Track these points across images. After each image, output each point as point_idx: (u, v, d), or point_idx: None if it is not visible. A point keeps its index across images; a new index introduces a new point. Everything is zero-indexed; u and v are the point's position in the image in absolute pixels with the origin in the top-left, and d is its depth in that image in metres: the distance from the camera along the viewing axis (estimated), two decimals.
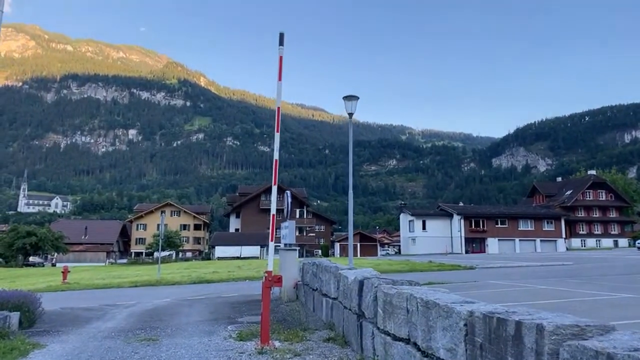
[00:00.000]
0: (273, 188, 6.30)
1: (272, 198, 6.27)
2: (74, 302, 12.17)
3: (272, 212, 6.26)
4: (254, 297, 11.33)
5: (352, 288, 5.63)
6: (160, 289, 14.43)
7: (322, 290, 7.52)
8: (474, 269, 18.02)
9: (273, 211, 6.26)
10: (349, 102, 9.64)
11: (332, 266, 6.96)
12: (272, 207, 6.29)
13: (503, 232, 51.33)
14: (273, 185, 6.29)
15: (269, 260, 6.33)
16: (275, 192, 6.27)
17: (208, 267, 25.24)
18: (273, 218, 6.24)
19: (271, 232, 6.29)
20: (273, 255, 6.41)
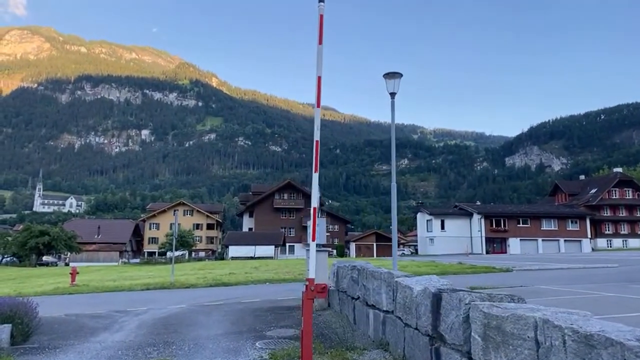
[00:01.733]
0: (314, 176, 5.08)
1: (314, 184, 5.05)
2: (80, 307, 11.13)
3: (314, 205, 5.04)
4: (278, 303, 10.14)
5: (421, 302, 4.39)
6: (174, 293, 13.34)
7: (367, 300, 6.29)
8: (511, 272, 16.61)
9: (315, 204, 5.05)
10: (390, 81, 8.38)
11: (384, 272, 5.73)
12: (313, 198, 5.08)
13: (525, 232, 49.49)
14: (314, 173, 5.07)
15: (309, 265, 5.13)
16: (316, 181, 5.05)
17: (223, 268, 24.17)
18: (314, 212, 5.03)
19: (312, 229, 5.08)
20: (314, 257, 5.18)
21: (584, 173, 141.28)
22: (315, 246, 9.98)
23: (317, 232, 9.26)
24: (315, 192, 5.05)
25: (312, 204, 5.08)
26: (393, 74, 8.31)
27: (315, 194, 5.04)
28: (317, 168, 5.08)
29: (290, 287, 13.71)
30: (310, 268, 5.12)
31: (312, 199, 5.10)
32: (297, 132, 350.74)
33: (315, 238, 10.40)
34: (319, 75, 5.18)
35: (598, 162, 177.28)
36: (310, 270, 5.11)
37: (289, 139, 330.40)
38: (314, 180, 5.04)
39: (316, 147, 5.13)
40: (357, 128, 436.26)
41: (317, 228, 9.34)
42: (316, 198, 5.05)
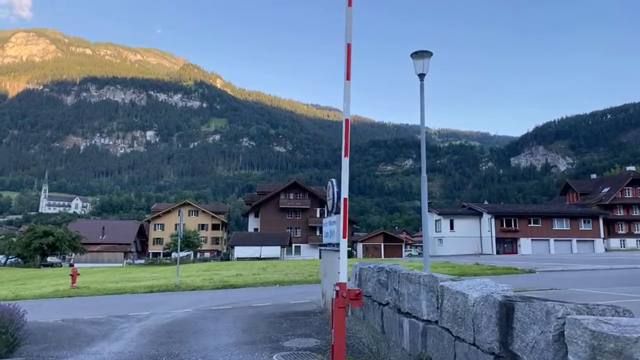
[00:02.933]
0: (344, 161, 4.29)
1: (343, 171, 4.26)
2: (79, 311, 10.40)
3: (344, 195, 4.26)
4: (292, 307, 9.34)
5: (481, 312, 3.58)
6: (179, 296, 12.59)
7: (399, 306, 5.48)
8: (534, 273, 15.72)
9: (345, 194, 4.26)
10: (419, 61, 7.51)
11: (423, 275, 4.91)
12: (342, 187, 4.29)
13: (536, 231, 48.39)
14: (344, 157, 4.28)
15: (340, 267, 4.33)
16: (346, 166, 4.27)
17: (230, 269, 23.42)
18: (345, 205, 4.24)
19: (343, 224, 4.28)
20: (345, 258, 4.39)
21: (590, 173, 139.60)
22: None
23: (334, 230, 8.48)
24: (345, 179, 4.26)
25: (342, 194, 4.29)
26: (422, 53, 7.45)
27: (345, 182, 4.25)
28: (347, 151, 4.29)
29: (302, 290, 12.92)
30: (342, 270, 4.33)
31: (341, 187, 4.31)
32: (302, 132, 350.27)
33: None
34: (349, 43, 4.40)
35: (604, 162, 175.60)
36: (341, 273, 4.32)
37: (293, 139, 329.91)
38: (344, 166, 4.26)
39: (346, 127, 4.35)
40: (362, 129, 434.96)
41: (333, 226, 8.58)
42: (346, 187, 4.26)
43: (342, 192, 4.27)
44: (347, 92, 4.41)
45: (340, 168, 4.27)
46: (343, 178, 4.28)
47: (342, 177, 4.30)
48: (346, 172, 4.23)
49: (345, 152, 4.24)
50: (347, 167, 4.25)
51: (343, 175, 4.28)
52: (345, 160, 4.25)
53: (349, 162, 4.26)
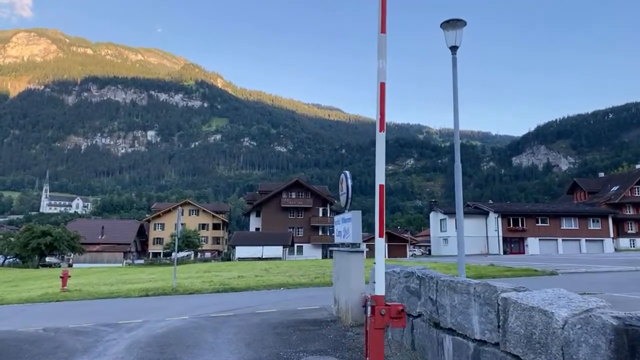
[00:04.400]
0: (378, 137, 3.32)
1: (378, 147, 3.29)
2: (65, 318, 9.44)
3: (380, 182, 3.28)
4: (300, 315, 8.36)
5: (577, 339, 2.60)
6: (175, 301, 11.62)
7: (439, 320, 4.50)
8: (557, 275, 14.74)
9: (381, 180, 3.29)
10: (451, 32, 6.47)
11: (474, 283, 3.93)
12: (378, 170, 3.31)
13: (544, 231, 47.33)
14: (379, 132, 3.31)
15: (376, 276, 3.35)
16: (382, 145, 3.29)
17: (231, 270, 22.44)
18: (381, 190, 3.26)
19: (379, 219, 3.30)
20: (382, 264, 3.40)
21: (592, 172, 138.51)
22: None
23: (350, 229, 7.49)
24: (380, 161, 3.28)
25: (377, 181, 3.31)
26: (454, 22, 6.42)
27: (380, 165, 3.28)
28: (382, 125, 3.32)
29: (309, 294, 11.95)
30: (377, 280, 3.34)
31: (376, 171, 3.33)
32: (303, 132, 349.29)
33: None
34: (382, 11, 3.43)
35: (606, 161, 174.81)
36: (377, 283, 3.33)
37: (294, 139, 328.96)
38: (379, 144, 3.28)
39: (381, 93, 3.38)
40: (363, 128, 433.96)
41: (348, 224, 7.58)
42: (382, 170, 3.29)
43: (377, 177, 3.29)
44: (382, 47, 3.43)
45: (342, 167, 3.31)
46: (378, 160, 3.30)
47: (376, 159, 3.32)
48: (382, 152, 3.26)
49: (380, 125, 3.27)
50: (383, 145, 3.27)
51: (378, 156, 3.30)
52: (380, 136, 3.28)
53: (384, 139, 3.28)
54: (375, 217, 3.18)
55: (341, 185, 8.40)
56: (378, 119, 3.24)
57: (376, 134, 3.23)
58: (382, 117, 3.26)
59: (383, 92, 3.32)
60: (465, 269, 17.70)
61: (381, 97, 3.30)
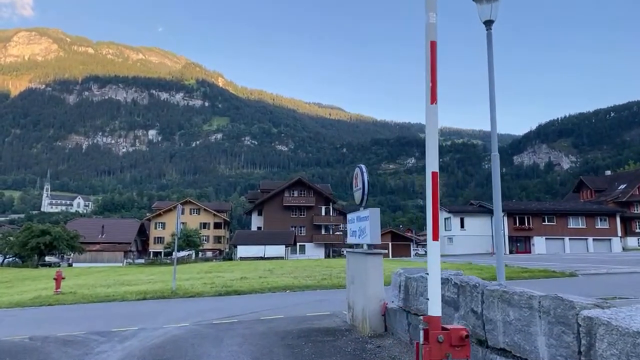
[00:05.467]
0: (428, 109, 2.59)
1: (428, 121, 2.57)
2: (55, 324, 8.74)
3: (432, 169, 2.56)
4: (310, 322, 7.64)
5: None
6: (175, 305, 10.91)
7: (486, 338, 3.77)
8: (577, 276, 14.00)
9: (433, 167, 2.57)
10: (485, 5, 5.78)
11: (537, 295, 3.20)
12: (429, 154, 2.58)
13: (551, 230, 46.55)
14: (430, 105, 2.58)
15: (431, 291, 2.61)
16: (434, 116, 2.56)
17: (233, 271, 21.72)
18: (434, 180, 2.54)
19: (433, 217, 2.57)
20: (438, 276, 2.66)
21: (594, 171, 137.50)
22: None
23: (366, 228, 6.74)
24: (432, 143, 2.56)
25: (429, 167, 2.58)
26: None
27: (432, 148, 2.56)
28: (434, 96, 2.60)
29: (316, 297, 11.23)
30: (433, 296, 2.58)
31: (427, 156, 2.60)
32: (304, 131, 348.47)
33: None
34: None
35: (608, 160, 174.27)
36: (432, 301, 2.58)
37: (295, 138, 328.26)
38: (430, 119, 2.56)
39: (432, 53, 2.65)
40: (364, 127, 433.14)
41: (364, 222, 6.82)
42: (435, 155, 2.56)
43: (428, 163, 2.55)
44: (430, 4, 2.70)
45: (343, 166, 2.61)
46: (429, 140, 2.57)
47: (426, 140, 2.59)
48: (434, 130, 2.53)
49: (432, 95, 2.56)
50: (436, 121, 2.55)
51: (428, 136, 2.57)
52: (432, 109, 2.56)
53: (436, 113, 2.56)
54: (426, 213, 2.46)
55: (355, 180, 7.67)
56: (428, 87, 2.53)
57: (426, 107, 2.51)
58: (433, 85, 2.55)
59: (434, 54, 2.61)
60: (478, 269, 16.99)
61: (432, 59, 2.59)
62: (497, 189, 5.21)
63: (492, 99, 5.19)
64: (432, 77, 2.54)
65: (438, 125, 2.49)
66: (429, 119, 2.48)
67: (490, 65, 5.21)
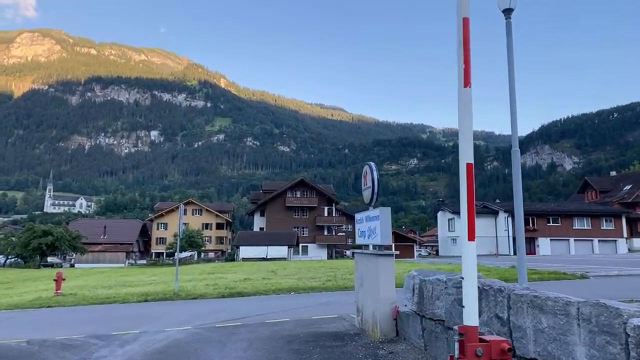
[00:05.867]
0: (463, 93, 2.32)
1: (461, 104, 2.30)
2: (54, 327, 8.50)
3: (467, 160, 2.30)
4: (317, 326, 7.36)
5: None
6: (177, 307, 10.65)
7: (515, 347, 3.48)
8: (589, 279, 13.67)
9: (468, 158, 2.30)
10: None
11: (575, 301, 2.93)
12: (462, 143, 2.31)
13: (556, 231, 46.10)
14: (463, 88, 2.31)
15: (467, 298, 2.33)
16: (468, 100, 2.29)
17: (236, 272, 21.45)
18: (469, 170, 2.27)
19: (469, 215, 2.31)
20: (474, 281, 2.39)
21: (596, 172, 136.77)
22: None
23: (377, 228, 6.45)
24: (466, 132, 2.29)
25: (463, 158, 2.31)
26: None
27: (466, 138, 2.29)
28: (468, 78, 2.35)
29: (322, 299, 10.95)
30: (469, 303, 2.31)
31: (460, 146, 2.33)
32: (306, 132, 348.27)
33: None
34: None
35: (611, 160, 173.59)
36: (468, 309, 2.31)
37: (297, 139, 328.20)
38: (463, 104, 2.30)
39: (464, 31, 2.38)
40: (366, 128, 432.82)
41: (375, 222, 6.53)
42: (469, 145, 2.29)
43: (462, 153, 2.28)
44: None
45: (345, 167, 2.34)
46: (462, 128, 2.29)
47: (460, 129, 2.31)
48: (468, 116, 2.26)
49: (465, 77, 2.30)
50: (470, 107, 2.28)
51: (462, 123, 2.29)
52: (465, 93, 2.30)
53: (470, 97, 2.29)
54: (461, 210, 2.18)
55: (364, 178, 7.40)
56: (461, 68, 2.26)
57: (459, 91, 2.24)
58: (466, 66, 2.29)
59: (467, 31, 2.34)
60: (486, 270, 16.65)
61: (464, 37, 2.32)
62: (518, 187, 4.94)
63: (512, 92, 4.91)
64: (465, 57, 2.27)
65: (472, 111, 2.22)
66: (462, 104, 2.20)
67: (510, 56, 4.95)
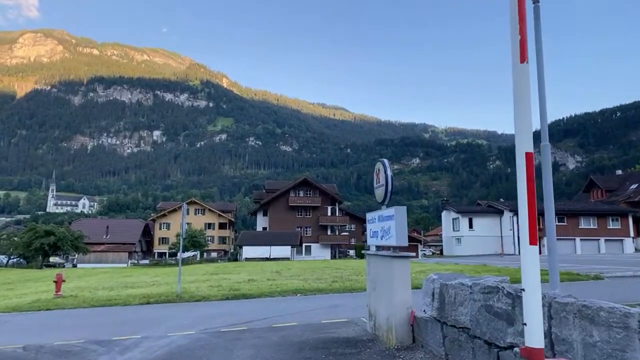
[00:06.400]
0: (519, 69, 1.95)
1: (517, 83, 1.92)
2: (53, 332, 8.17)
3: (526, 149, 1.93)
4: (327, 331, 7.01)
5: None
6: (180, 309, 10.32)
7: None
8: (603, 279, 13.28)
9: (527, 147, 1.93)
10: None
11: (635, 312, 2.57)
12: (519, 133, 1.94)
13: (561, 230, 45.54)
14: (518, 64, 1.95)
15: (529, 311, 1.96)
16: (525, 80, 1.93)
17: (240, 272, 21.12)
18: (529, 160, 1.91)
19: (529, 213, 1.95)
20: (538, 298, 2.02)
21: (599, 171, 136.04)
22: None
23: (392, 228, 6.03)
24: (524, 118, 1.93)
25: (520, 147, 1.95)
26: None
27: (524, 124, 1.93)
28: (524, 53, 1.99)
29: (329, 302, 10.60)
30: (531, 321, 1.95)
31: (516, 133, 1.97)
32: (308, 132, 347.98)
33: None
34: None
35: (614, 159, 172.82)
36: (530, 328, 1.94)
37: (299, 139, 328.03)
38: (520, 81, 1.94)
39: (520, 5, 2.02)
40: (368, 127, 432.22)
41: (389, 222, 6.12)
42: (526, 130, 1.94)
43: (519, 141, 1.92)
44: None
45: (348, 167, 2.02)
46: (519, 111, 1.93)
47: (516, 112, 1.95)
48: (525, 98, 1.90)
49: (521, 53, 1.93)
50: (528, 86, 1.92)
51: (518, 106, 1.93)
52: (521, 69, 1.93)
53: (527, 74, 1.94)
54: (519, 207, 1.82)
55: (377, 176, 7.05)
56: (516, 42, 1.91)
57: (513, 68, 1.89)
58: (522, 39, 1.93)
59: (522, 1, 1.98)
60: (496, 271, 16.25)
61: (519, 8, 1.96)
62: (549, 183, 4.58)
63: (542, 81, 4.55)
64: (521, 30, 1.92)
65: (530, 91, 1.87)
66: (518, 82, 1.86)
67: (539, 43, 4.58)
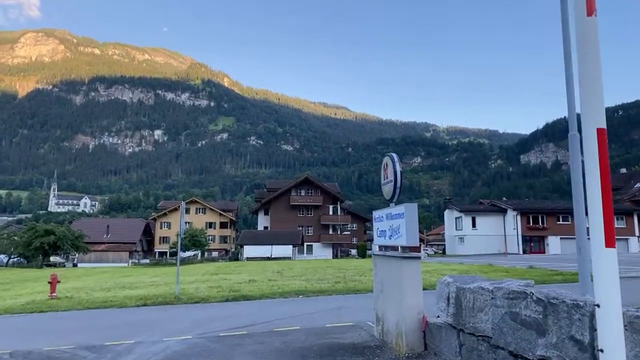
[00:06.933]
0: (586, 22, 1.53)
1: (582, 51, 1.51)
2: (43, 336, 7.79)
3: (598, 125, 1.52)
4: (331, 336, 6.59)
5: None
6: (178, 312, 9.92)
7: None
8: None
9: (599, 122, 1.54)
10: None
11: None
12: (584, 105, 1.53)
13: (566, 229, 45.10)
14: (585, 17, 1.54)
15: (602, 331, 1.56)
16: (593, 35, 1.51)
17: (240, 272, 20.73)
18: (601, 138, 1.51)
19: (604, 205, 1.58)
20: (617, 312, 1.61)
21: None
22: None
23: (401, 227, 5.62)
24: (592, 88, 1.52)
25: (588, 124, 1.56)
26: None
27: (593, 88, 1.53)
28: (592, 4, 1.56)
29: (333, 304, 10.20)
30: (609, 344, 1.57)
31: (582, 102, 1.57)
32: (309, 131, 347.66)
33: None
34: None
35: (616, 158, 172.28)
36: (607, 356, 1.53)
37: (300, 138, 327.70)
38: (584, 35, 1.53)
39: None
40: (369, 126, 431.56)
41: (398, 220, 5.68)
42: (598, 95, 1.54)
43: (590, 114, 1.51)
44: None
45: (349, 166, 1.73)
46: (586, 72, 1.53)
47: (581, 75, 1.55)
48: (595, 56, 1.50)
49: (588, 5, 1.53)
50: (597, 41, 1.52)
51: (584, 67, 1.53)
52: (588, 22, 1.53)
53: (596, 27, 1.52)
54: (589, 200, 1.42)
55: (385, 171, 6.64)
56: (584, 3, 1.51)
57: (577, 23, 1.49)
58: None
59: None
60: (504, 271, 15.81)
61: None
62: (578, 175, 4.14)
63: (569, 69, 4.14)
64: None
65: (600, 52, 1.48)
66: (584, 39, 1.47)
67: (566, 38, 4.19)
